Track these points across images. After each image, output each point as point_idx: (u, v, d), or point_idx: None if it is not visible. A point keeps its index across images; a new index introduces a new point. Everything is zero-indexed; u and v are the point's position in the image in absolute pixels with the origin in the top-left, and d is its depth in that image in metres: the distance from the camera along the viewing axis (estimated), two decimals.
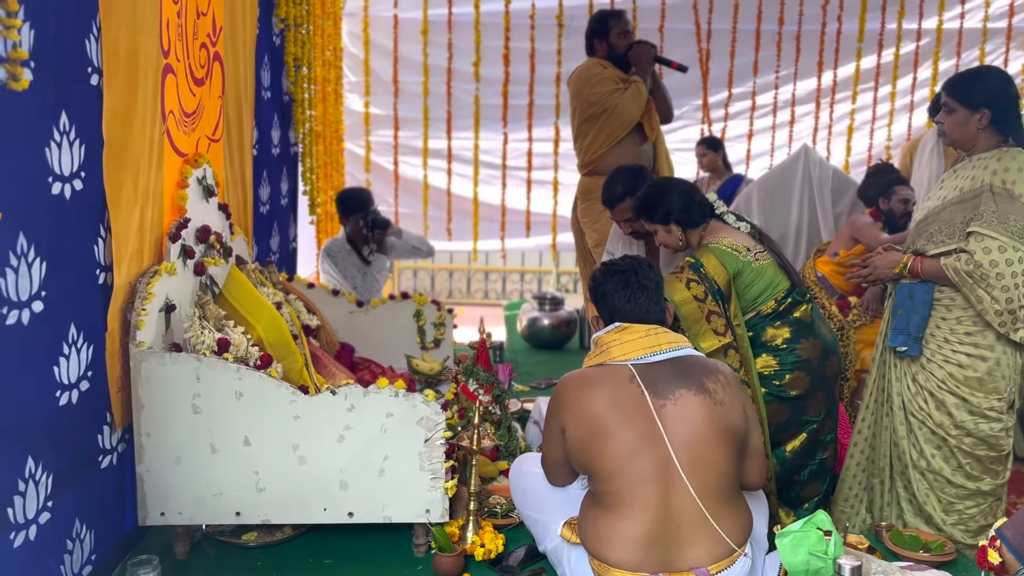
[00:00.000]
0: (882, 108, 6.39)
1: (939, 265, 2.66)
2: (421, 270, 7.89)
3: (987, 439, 2.70)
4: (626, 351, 2.16)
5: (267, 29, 3.83)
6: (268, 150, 3.92)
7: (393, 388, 2.35)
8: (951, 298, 2.69)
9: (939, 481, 2.75)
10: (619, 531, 2.04)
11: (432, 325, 3.81)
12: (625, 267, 2.30)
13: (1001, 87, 2.69)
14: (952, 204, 2.68)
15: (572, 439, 2.12)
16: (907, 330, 2.77)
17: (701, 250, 2.86)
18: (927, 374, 2.75)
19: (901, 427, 2.83)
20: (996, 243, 2.54)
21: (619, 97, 4.09)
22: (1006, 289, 2.54)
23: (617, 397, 2.08)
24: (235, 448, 2.33)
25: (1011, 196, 2.54)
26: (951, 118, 2.70)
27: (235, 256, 3.07)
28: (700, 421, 2.06)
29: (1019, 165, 2.57)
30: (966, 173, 2.70)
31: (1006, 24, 6.22)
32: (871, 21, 6.19)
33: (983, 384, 2.67)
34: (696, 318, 2.74)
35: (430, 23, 5.95)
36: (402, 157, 6.22)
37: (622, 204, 3.33)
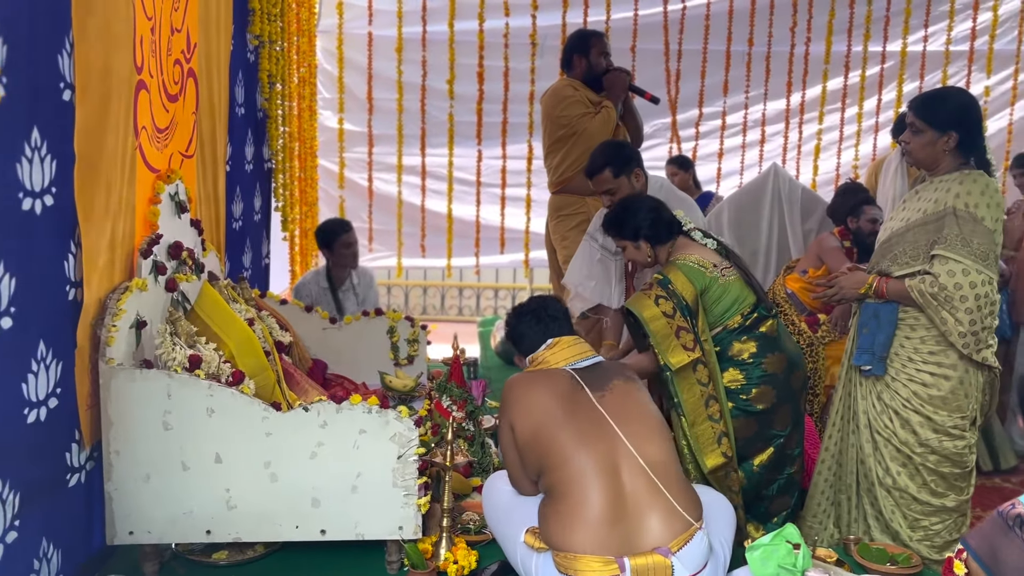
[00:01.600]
0: (849, 129, 6.51)
1: (904, 286, 2.70)
2: (395, 287, 7.88)
3: (951, 456, 2.75)
4: (559, 359, 2.37)
5: (241, 46, 3.83)
6: (241, 166, 3.91)
7: (366, 404, 2.35)
8: (915, 318, 2.74)
9: (905, 498, 2.79)
10: (579, 516, 2.08)
11: (406, 341, 3.81)
12: (534, 306, 2.50)
13: (969, 109, 2.73)
14: (916, 226, 2.72)
15: (521, 434, 2.24)
16: (872, 349, 2.81)
17: (669, 267, 2.90)
18: (892, 392, 2.79)
19: (867, 445, 2.87)
20: (960, 266, 2.58)
21: (588, 121, 4.13)
22: (969, 311, 2.59)
23: (561, 392, 2.25)
24: (206, 465, 2.31)
25: (974, 219, 2.59)
26: (918, 139, 2.72)
27: (207, 272, 3.05)
28: (639, 404, 2.26)
29: (981, 188, 2.62)
30: (929, 195, 2.74)
31: (968, 47, 6.38)
32: (837, 43, 6.33)
33: (947, 403, 2.71)
34: (665, 334, 2.77)
35: (404, 41, 5.99)
36: (376, 173, 6.24)
37: (601, 175, 3.36)
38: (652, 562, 2.03)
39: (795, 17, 6.25)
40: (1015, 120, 6.45)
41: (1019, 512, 1.69)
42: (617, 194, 3.32)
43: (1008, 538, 1.68)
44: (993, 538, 1.73)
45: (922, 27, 6.34)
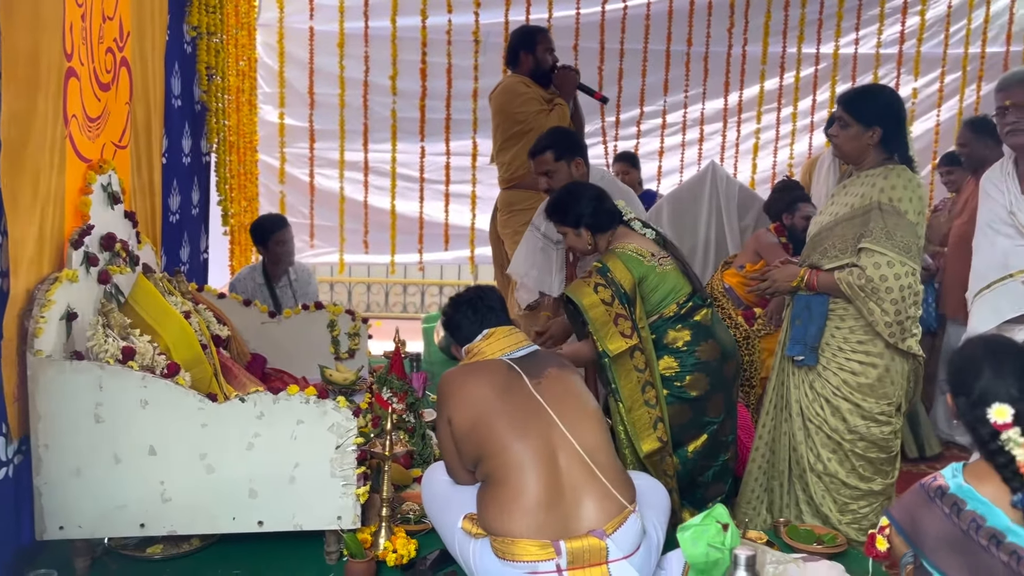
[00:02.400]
0: (785, 128, 6.68)
1: (833, 279, 2.80)
2: (338, 283, 7.82)
3: (878, 442, 2.86)
4: (495, 349, 2.39)
5: (178, 36, 3.77)
6: (179, 159, 3.85)
7: (303, 395, 2.35)
8: (844, 309, 2.84)
9: (835, 483, 2.89)
10: (516, 501, 2.12)
11: (346, 335, 3.79)
12: (471, 296, 2.53)
13: (894, 105, 2.85)
14: (843, 220, 2.82)
15: (459, 426, 2.27)
16: (804, 340, 2.90)
17: (608, 255, 2.94)
18: (823, 381, 2.89)
19: (799, 432, 2.96)
20: (885, 258, 2.69)
21: (544, 118, 4.16)
22: (895, 302, 2.70)
23: (496, 381, 2.28)
24: (140, 458, 2.28)
25: (898, 213, 2.70)
26: (845, 132, 2.83)
27: (142, 265, 3.01)
28: (574, 390, 2.31)
29: (904, 183, 2.73)
30: (855, 190, 2.84)
31: (897, 51, 6.60)
32: (773, 45, 6.48)
33: (874, 390, 2.82)
34: (604, 321, 2.82)
35: (346, 36, 5.95)
36: (318, 169, 6.19)
37: (542, 155, 3.42)
38: (587, 545, 2.08)
39: (732, 18, 6.38)
40: (942, 121, 6.69)
41: (940, 484, 1.77)
42: (554, 177, 3.38)
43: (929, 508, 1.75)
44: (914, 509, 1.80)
45: (854, 30, 6.53)
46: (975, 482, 1.74)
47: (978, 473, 1.76)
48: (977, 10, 6.60)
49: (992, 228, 2.80)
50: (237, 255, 5.24)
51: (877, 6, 6.49)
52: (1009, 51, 6.67)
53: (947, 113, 6.73)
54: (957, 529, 1.70)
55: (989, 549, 1.65)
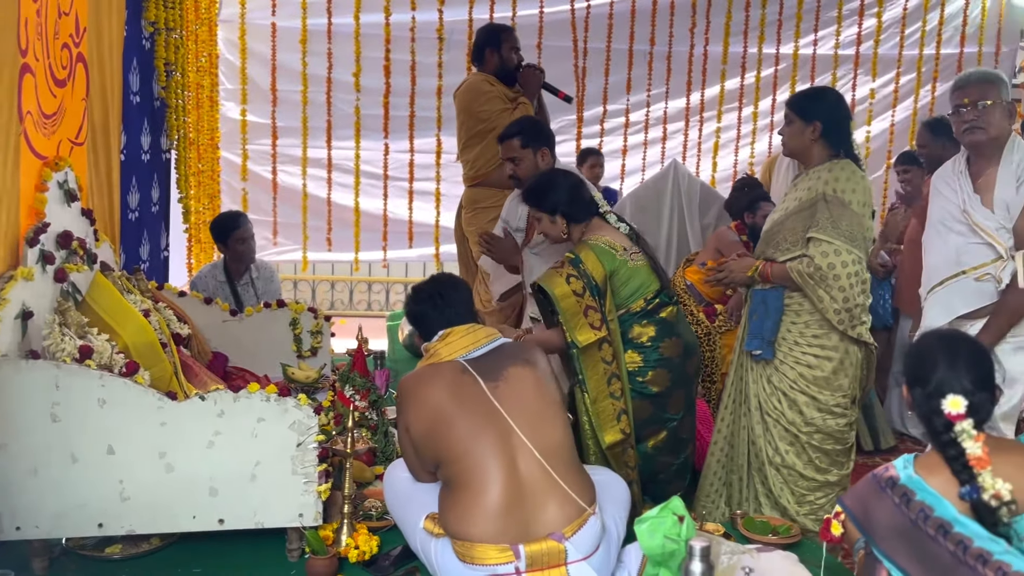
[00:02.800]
0: (745, 127, 6.77)
1: (786, 269, 2.88)
2: (301, 281, 7.77)
3: (834, 433, 2.94)
4: (452, 351, 2.34)
5: (136, 32, 3.73)
6: (138, 156, 3.81)
7: (264, 393, 2.34)
8: (799, 303, 2.92)
9: (792, 475, 2.96)
10: (477, 505, 2.14)
11: (309, 333, 3.78)
12: (431, 291, 2.48)
13: (834, 104, 2.96)
14: (793, 214, 2.92)
15: (416, 433, 2.27)
16: (761, 334, 2.97)
17: (581, 246, 2.97)
18: (780, 375, 2.96)
19: (758, 426, 3.03)
20: (832, 247, 2.78)
21: (508, 117, 4.17)
22: (842, 289, 2.79)
23: (453, 387, 2.25)
24: (97, 457, 2.26)
25: (842, 203, 2.79)
26: (789, 129, 2.96)
27: (100, 263, 2.98)
28: (532, 392, 2.27)
29: (848, 175, 2.83)
30: (804, 185, 2.94)
31: (854, 52, 6.72)
32: (734, 45, 6.57)
33: (829, 382, 2.90)
34: (574, 312, 2.85)
35: (309, 32, 5.91)
36: (280, 166, 6.14)
37: (510, 141, 3.45)
38: (546, 548, 2.11)
39: (694, 18, 6.45)
40: (897, 121, 6.83)
41: (891, 474, 1.82)
42: (520, 164, 3.42)
43: (880, 498, 1.80)
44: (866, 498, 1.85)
45: (812, 31, 6.64)
46: (925, 473, 1.79)
47: (928, 465, 1.81)
48: (932, 12, 6.74)
49: (944, 226, 2.89)
50: (198, 253, 5.19)
51: (835, 8, 6.60)
52: (963, 52, 6.83)
53: (902, 113, 6.87)
54: (906, 519, 1.75)
55: (936, 539, 1.70)
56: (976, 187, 2.82)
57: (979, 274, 2.78)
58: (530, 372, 2.32)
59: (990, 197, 2.78)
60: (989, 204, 2.78)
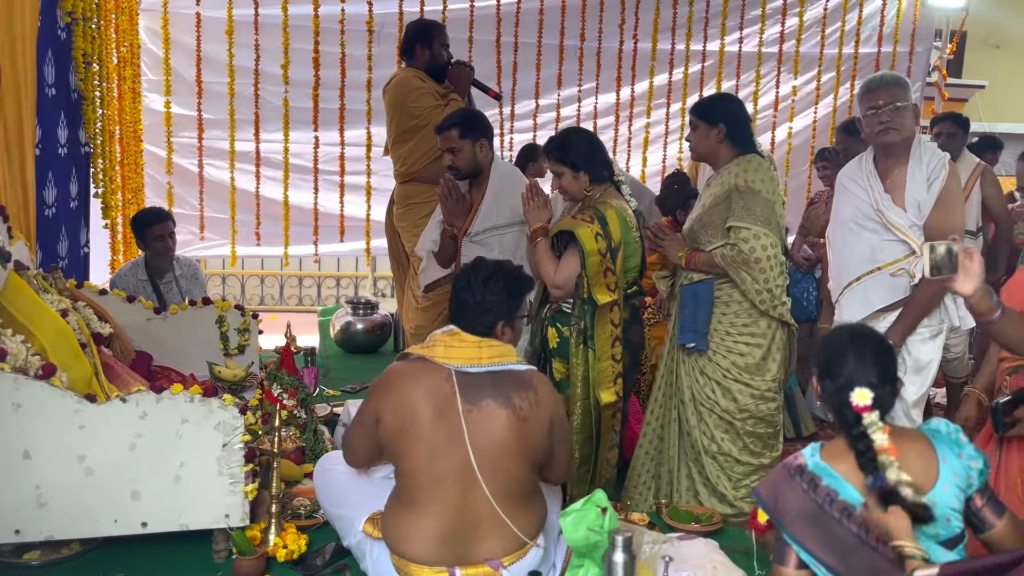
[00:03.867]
0: (674, 123, 6.88)
1: (710, 255, 3.01)
2: (230, 276, 7.62)
3: (765, 417, 3.07)
4: (448, 355, 2.21)
5: (51, 22, 3.61)
6: (54, 150, 3.69)
7: (188, 393, 2.32)
8: (729, 294, 3.03)
9: (729, 461, 3.07)
10: (417, 527, 2.15)
11: (236, 331, 3.73)
12: (477, 271, 2.30)
13: (734, 107, 3.13)
14: (709, 208, 3.04)
15: (385, 428, 2.18)
16: (694, 327, 3.06)
17: (605, 206, 2.97)
18: (714, 365, 3.06)
19: (693, 417, 3.11)
20: (751, 232, 2.92)
21: (439, 114, 4.15)
22: (763, 271, 2.93)
23: (432, 394, 2.16)
24: (13, 462, 2.21)
25: (752, 192, 2.93)
26: (695, 134, 3.09)
27: (14, 262, 2.88)
28: (502, 432, 2.15)
29: (755, 167, 2.98)
30: (717, 182, 3.07)
31: (777, 50, 6.90)
32: (663, 42, 6.66)
33: (760, 369, 3.03)
34: (597, 271, 2.90)
35: (235, 23, 5.78)
36: (207, 159, 6.00)
37: (448, 132, 3.44)
38: (482, 573, 2.13)
39: (623, 15, 6.52)
40: (819, 118, 7.03)
41: (800, 462, 1.90)
42: (458, 155, 3.43)
43: (790, 485, 1.88)
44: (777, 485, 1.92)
45: (738, 29, 6.78)
46: (830, 460, 1.88)
47: (834, 452, 1.90)
48: (851, 12, 6.95)
49: (857, 224, 3.01)
50: (120, 249, 5.05)
51: (759, 7, 6.75)
52: (880, 52, 7.06)
53: (824, 110, 7.07)
54: (813, 503, 1.83)
55: (841, 521, 1.79)
56: (885, 186, 2.94)
57: (893, 269, 2.92)
58: (508, 414, 2.17)
59: (901, 196, 2.91)
60: (901, 203, 2.91)
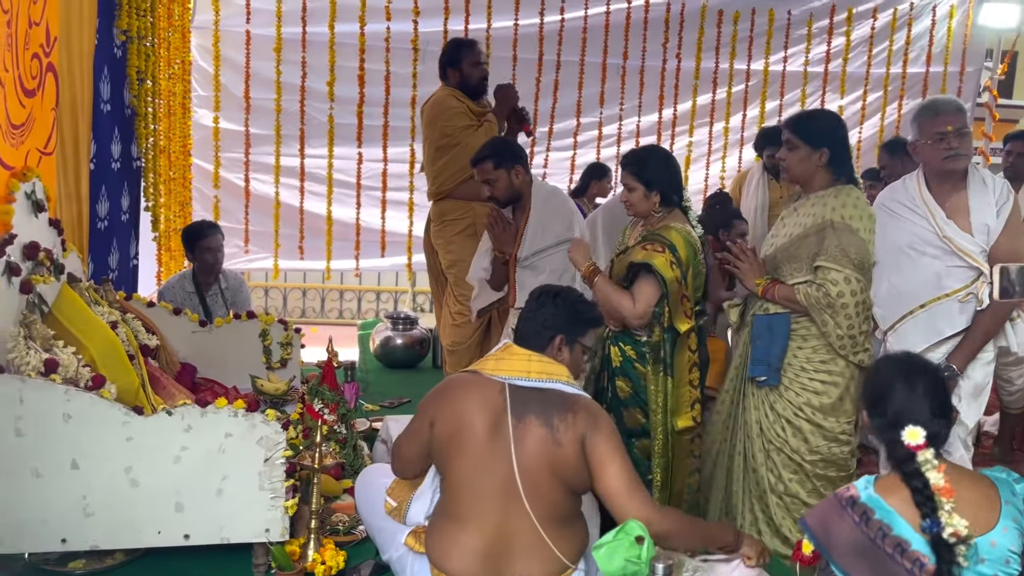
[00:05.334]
0: (716, 142, 6.84)
1: (792, 290, 2.86)
2: (273, 289, 7.73)
3: (837, 461, 2.91)
4: (499, 368, 2.23)
5: (108, 40, 3.71)
6: (108, 164, 3.79)
7: (232, 408, 2.35)
8: (807, 328, 2.89)
9: (796, 503, 2.91)
10: (458, 542, 2.14)
11: (278, 345, 3.78)
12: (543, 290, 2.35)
13: (840, 129, 2.95)
14: (797, 240, 2.90)
15: (438, 435, 2.19)
16: (767, 360, 2.91)
17: (669, 231, 2.90)
18: (785, 402, 2.91)
19: (760, 454, 2.97)
20: (842, 275, 2.78)
21: (472, 134, 4.20)
22: (848, 317, 2.79)
23: (486, 406, 2.16)
24: (61, 472, 2.26)
25: (851, 230, 2.79)
26: (794, 155, 2.90)
27: (67, 274, 2.96)
28: (537, 452, 2.14)
29: (854, 202, 2.83)
30: (807, 211, 2.91)
31: (823, 69, 6.83)
32: (706, 60, 6.64)
33: (835, 409, 2.88)
34: (676, 299, 2.85)
35: (284, 41, 5.89)
36: (253, 174, 6.10)
37: (483, 165, 3.46)
38: None
39: (667, 34, 6.51)
40: (864, 138, 6.95)
41: (853, 494, 1.87)
42: (496, 185, 3.45)
43: (841, 517, 1.85)
44: (827, 517, 1.89)
45: (783, 48, 6.74)
46: (884, 493, 1.84)
47: (887, 486, 1.86)
48: (899, 32, 6.87)
49: (915, 250, 2.87)
50: (167, 261, 5.15)
51: (805, 26, 6.70)
52: (929, 72, 6.96)
53: (869, 130, 6.99)
54: (865, 537, 1.80)
55: (894, 556, 1.75)
56: (946, 212, 2.83)
57: (962, 295, 2.81)
58: (544, 434, 2.14)
59: (966, 221, 2.81)
60: (967, 228, 2.80)
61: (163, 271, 5.10)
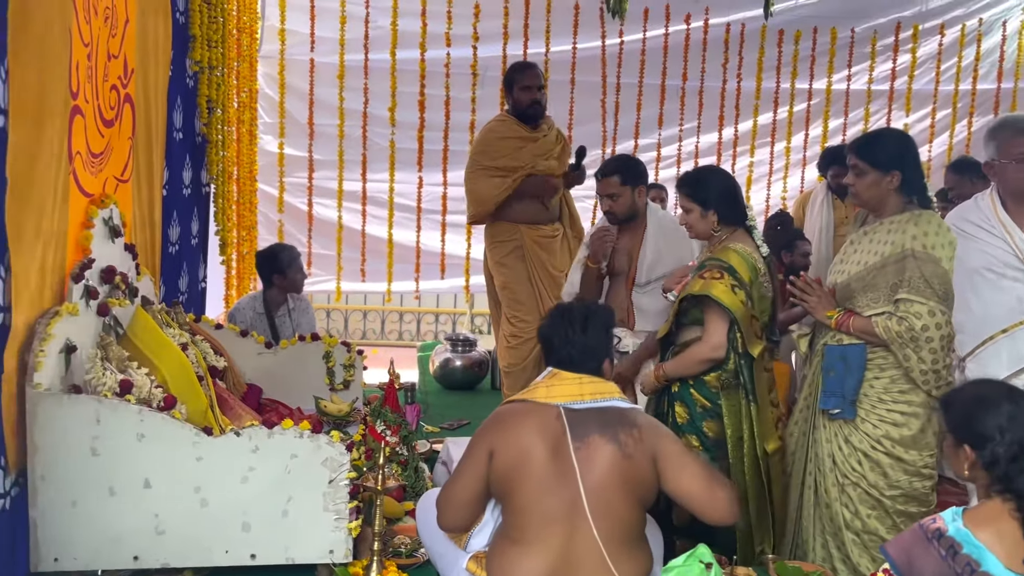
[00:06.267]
0: (778, 163, 6.75)
1: (869, 323, 2.70)
2: (334, 311, 7.85)
3: (919, 496, 2.75)
4: (551, 394, 2.22)
5: (181, 71, 3.84)
6: (179, 190, 3.91)
7: (298, 429, 2.39)
8: (884, 358, 2.73)
9: (874, 540, 2.76)
10: (522, 566, 2.13)
11: (341, 366, 3.83)
12: (568, 316, 2.30)
13: (908, 150, 2.79)
14: (875, 269, 2.73)
15: (496, 464, 2.17)
16: (841, 392, 2.78)
17: (727, 252, 2.83)
18: (861, 435, 2.76)
19: (833, 488, 2.82)
20: (926, 307, 2.61)
21: (513, 159, 4.39)
22: (933, 351, 2.63)
23: (544, 432, 2.16)
24: (135, 490, 2.31)
25: (933, 260, 2.63)
26: (863, 180, 2.75)
27: (141, 297, 3.05)
28: (607, 468, 2.13)
29: (935, 229, 2.68)
30: (882, 237, 2.75)
31: (888, 87, 6.70)
32: (767, 80, 6.58)
33: (917, 442, 2.72)
34: (746, 323, 2.78)
35: (346, 68, 6.03)
36: (316, 198, 6.25)
37: (610, 178, 3.45)
38: None
39: (726, 54, 6.48)
40: (933, 156, 6.78)
41: (939, 526, 1.80)
42: (618, 200, 3.45)
43: (925, 549, 1.79)
44: (911, 548, 1.83)
45: (846, 67, 6.64)
46: (973, 527, 1.78)
47: (978, 519, 1.79)
48: (968, 48, 6.71)
49: (994, 272, 2.78)
50: (234, 284, 5.28)
51: (869, 44, 6.60)
52: (1000, 88, 6.78)
53: (938, 149, 6.82)
54: (952, 571, 1.74)
55: None
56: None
57: None
58: (613, 450, 2.15)
59: None
60: None
61: (230, 294, 5.23)
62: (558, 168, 4.54)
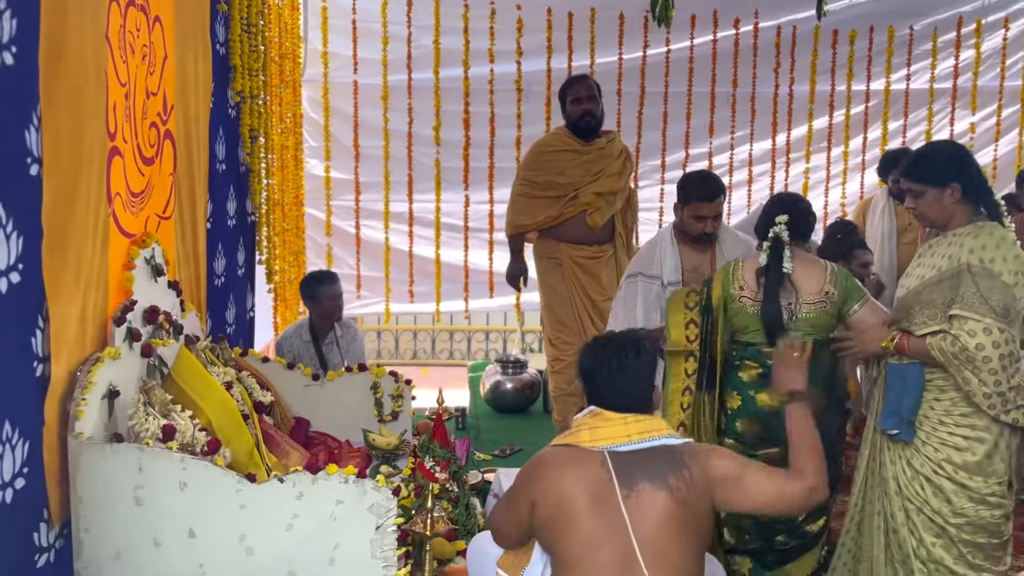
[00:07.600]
0: (835, 168, 6.51)
1: (925, 345, 2.57)
2: (385, 331, 7.83)
3: (988, 526, 2.59)
4: (595, 437, 2.11)
5: (222, 103, 3.82)
6: (223, 222, 3.88)
7: (342, 474, 2.30)
8: (944, 378, 2.60)
9: (941, 571, 2.61)
10: None
11: (390, 397, 3.76)
12: (611, 351, 2.19)
13: (961, 156, 2.66)
14: (931, 284, 2.61)
15: (539, 517, 2.09)
16: (899, 413, 2.66)
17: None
18: (923, 458, 2.63)
19: (900, 513, 2.69)
20: (980, 325, 2.46)
21: (556, 175, 4.40)
22: (994, 372, 2.46)
23: (588, 482, 2.06)
24: (179, 541, 2.26)
25: (991, 274, 2.48)
26: (921, 201, 2.63)
27: (185, 335, 3.01)
28: (661, 516, 2.03)
29: (996, 242, 2.52)
30: (943, 251, 2.63)
31: (951, 85, 6.42)
32: (821, 83, 6.35)
33: (982, 468, 2.57)
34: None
35: (390, 88, 6.00)
36: (363, 220, 6.21)
37: (719, 199, 3.39)
38: None
39: (778, 58, 6.28)
40: (1000, 156, 6.48)
41: None
42: (719, 222, 3.44)
43: None
44: None
45: (905, 66, 6.38)
46: None
47: None
48: None
49: None
50: (283, 312, 5.26)
51: (929, 41, 6.33)
52: None
53: (1006, 147, 6.51)
54: None
55: None
56: None
57: None
58: (666, 496, 2.04)
59: None
60: None
61: (279, 321, 5.21)
62: (617, 185, 4.43)
